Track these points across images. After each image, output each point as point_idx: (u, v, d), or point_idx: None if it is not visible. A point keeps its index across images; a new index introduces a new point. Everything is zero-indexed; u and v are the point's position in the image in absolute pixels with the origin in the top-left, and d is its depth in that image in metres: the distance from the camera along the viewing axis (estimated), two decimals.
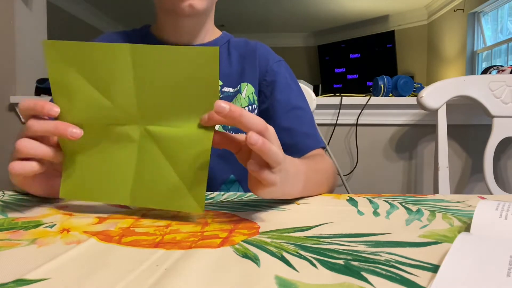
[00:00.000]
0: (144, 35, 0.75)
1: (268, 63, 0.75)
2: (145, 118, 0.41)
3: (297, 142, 0.69)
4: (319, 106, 1.26)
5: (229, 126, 0.67)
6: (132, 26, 0.84)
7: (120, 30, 0.81)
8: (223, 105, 0.36)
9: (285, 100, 0.72)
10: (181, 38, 0.72)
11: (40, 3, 1.58)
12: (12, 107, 1.45)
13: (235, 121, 0.37)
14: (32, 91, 1.48)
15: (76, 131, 0.40)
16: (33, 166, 0.41)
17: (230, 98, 0.71)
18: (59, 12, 4.21)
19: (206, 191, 0.43)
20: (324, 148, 0.73)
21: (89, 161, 0.43)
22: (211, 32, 0.75)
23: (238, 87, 0.72)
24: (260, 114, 0.73)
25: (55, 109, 0.40)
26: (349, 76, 5.77)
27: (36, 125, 0.40)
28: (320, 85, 4.30)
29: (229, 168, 0.69)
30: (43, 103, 0.41)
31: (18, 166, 0.40)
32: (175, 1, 0.63)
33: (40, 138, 0.41)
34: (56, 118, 0.41)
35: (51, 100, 0.44)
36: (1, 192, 0.54)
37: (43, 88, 1.43)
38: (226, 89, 0.72)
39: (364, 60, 5.60)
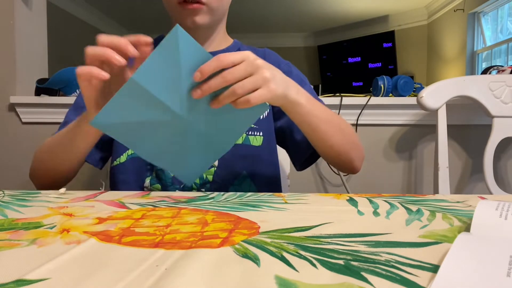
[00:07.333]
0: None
1: (280, 66, 0.80)
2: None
3: None
4: None
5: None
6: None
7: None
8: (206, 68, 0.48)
9: None
10: None
11: (40, 3, 1.57)
12: (12, 107, 1.44)
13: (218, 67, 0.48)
14: (32, 91, 1.47)
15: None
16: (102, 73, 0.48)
17: None
18: (59, 12, 4.21)
19: (218, 190, 0.45)
20: None
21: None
22: (224, 41, 0.82)
23: None
24: (274, 112, 0.80)
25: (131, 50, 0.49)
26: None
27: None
28: (320, 85, 4.30)
29: (242, 165, 0.74)
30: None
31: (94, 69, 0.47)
32: (181, 18, 0.72)
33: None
34: None
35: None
36: (1, 192, 0.55)
37: (43, 88, 1.43)
38: None
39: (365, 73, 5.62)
